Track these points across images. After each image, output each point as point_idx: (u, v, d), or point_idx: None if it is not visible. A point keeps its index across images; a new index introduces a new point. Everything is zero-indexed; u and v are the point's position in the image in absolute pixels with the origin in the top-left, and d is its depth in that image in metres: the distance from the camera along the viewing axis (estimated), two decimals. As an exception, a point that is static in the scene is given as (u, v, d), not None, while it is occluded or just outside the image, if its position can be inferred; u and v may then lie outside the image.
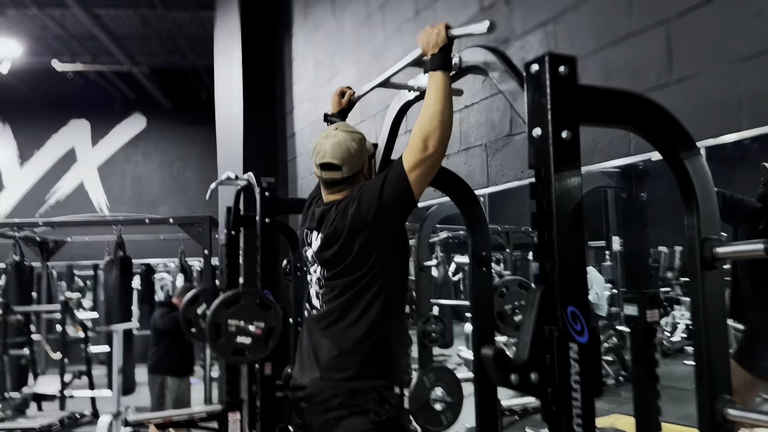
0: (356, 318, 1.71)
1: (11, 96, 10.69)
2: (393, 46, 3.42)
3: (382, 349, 1.71)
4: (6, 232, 7.57)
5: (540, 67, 1.31)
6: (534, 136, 1.33)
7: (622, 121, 1.42)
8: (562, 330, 1.26)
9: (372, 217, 1.69)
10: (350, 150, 1.81)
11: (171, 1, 7.69)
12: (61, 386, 6.10)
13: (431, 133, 1.61)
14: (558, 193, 1.28)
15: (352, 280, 1.72)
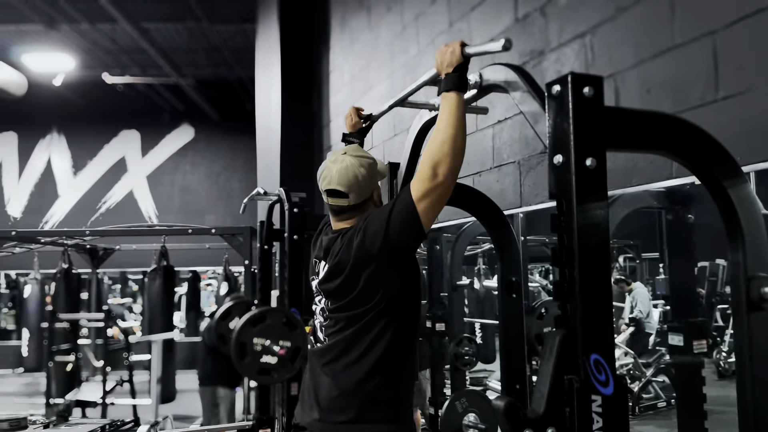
0: (359, 356, 1.61)
1: (66, 108, 11.07)
2: (426, 59, 3.32)
3: (386, 391, 1.61)
4: (56, 240, 7.81)
5: (562, 88, 1.19)
6: (555, 164, 1.21)
7: (655, 145, 1.29)
8: (583, 380, 1.13)
9: (378, 249, 1.59)
10: (357, 176, 1.70)
11: (216, 14, 7.79)
12: (103, 393, 6.20)
13: (441, 160, 1.50)
14: (581, 226, 1.16)
15: (356, 315, 1.62)
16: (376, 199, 1.78)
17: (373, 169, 1.75)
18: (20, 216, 11.49)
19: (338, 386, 1.61)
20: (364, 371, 1.60)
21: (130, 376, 6.55)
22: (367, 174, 1.73)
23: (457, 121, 1.50)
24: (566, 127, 1.18)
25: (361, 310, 1.61)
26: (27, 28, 8.12)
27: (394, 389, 1.62)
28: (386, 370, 1.61)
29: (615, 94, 2.03)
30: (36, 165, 11.65)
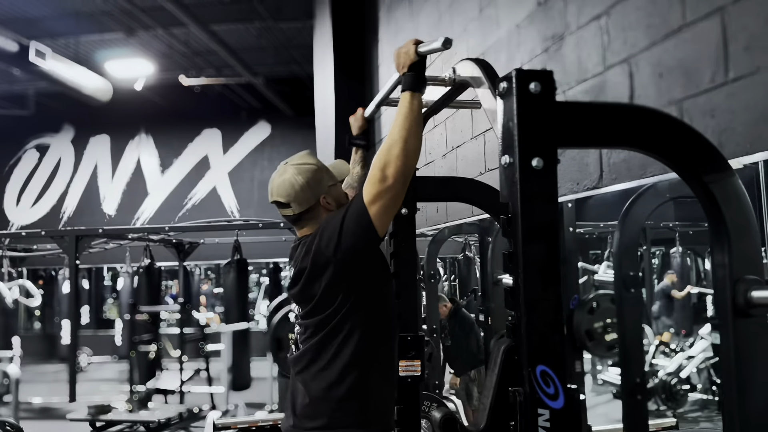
0: (327, 361, 1.60)
1: (151, 110, 11.71)
2: (460, 47, 3.24)
3: (358, 395, 1.59)
4: (143, 236, 8.31)
5: (508, 84, 1.13)
6: (503, 164, 1.15)
7: (620, 141, 1.19)
8: (528, 393, 1.08)
9: (332, 254, 1.57)
10: (294, 186, 1.70)
11: (281, 13, 7.97)
12: (180, 382, 6.56)
13: (390, 162, 1.46)
14: (526, 232, 1.10)
15: (321, 320, 1.62)
16: (330, 202, 1.75)
17: (315, 175, 1.73)
18: (114, 213, 12.30)
19: (309, 393, 1.62)
20: (333, 377, 1.59)
21: (207, 365, 6.89)
22: (306, 181, 1.71)
23: (410, 122, 1.46)
24: (511, 126, 1.12)
25: (324, 315, 1.61)
26: (108, 37, 8.65)
27: (365, 393, 1.61)
28: (356, 375, 1.60)
29: (629, 79, 1.89)
30: (127, 165, 12.42)
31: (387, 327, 1.68)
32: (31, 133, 12.56)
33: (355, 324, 1.60)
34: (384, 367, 1.68)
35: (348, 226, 1.56)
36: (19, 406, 6.07)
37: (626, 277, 2.16)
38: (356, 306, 1.60)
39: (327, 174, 1.78)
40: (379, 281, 1.67)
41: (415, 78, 1.48)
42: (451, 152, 3.35)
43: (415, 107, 1.48)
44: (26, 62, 7.06)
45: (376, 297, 1.65)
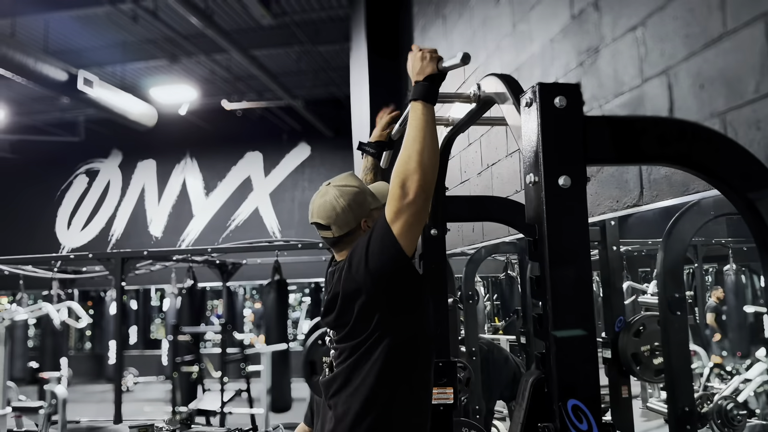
0: (356, 387, 1.54)
1: (196, 134, 11.99)
2: (493, 64, 3.19)
3: (387, 423, 1.52)
4: (187, 257, 8.45)
5: (531, 99, 1.08)
6: (528, 184, 1.09)
7: (654, 156, 1.12)
8: (559, 429, 1.00)
9: (362, 279, 1.52)
10: (336, 208, 1.66)
11: (318, 36, 8.07)
12: (221, 403, 6.58)
13: (408, 176, 1.41)
14: (554, 255, 1.03)
15: (354, 345, 1.56)
16: (372, 226, 1.70)
17: (357, 198, 1.69)
18: (161, 235, 12.58)
19: (337, 419, 1.57)
20: (360, 403, 1.53)
21: (248, 386, 6.90)
22: (347, 204, 1.67)
23: (425, 134, 1.41)
24: (535, 143, 1.06)
25: (358, 340, 1.56)
26: (153, 64, 8.91)
27: (395, 422, 1.54)
28: (385, 402, 1.53)
29: (668, 92, 1.81)
30: (173, 188, 12.72)
31: (420, 350, 1.61)
32: (82, 159, 13.02)
33: (387, 348, 1.54)
34: (417, 395, 1.59)
35: (374, 248, 1.51)
36: (66, 425, 6.18)
37: (671, 299, 2.05)
38: (389, 329, 1.54)
39: (370, 197, 1.73)
40: (413, 305, 1.60)
41: (430, 89, 1.43)
42: (486, 170, 3.28)
43: (429, 118, 1.43)
44: (75, 90, 7.33)
45: (409, 321, 1.58)
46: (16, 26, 7.15)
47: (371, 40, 5.33)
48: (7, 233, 12.78)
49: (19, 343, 9.32)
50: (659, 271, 2.13)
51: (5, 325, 6.42)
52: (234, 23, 7.80)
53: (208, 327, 7.63)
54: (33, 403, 6.51)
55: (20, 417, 6.63)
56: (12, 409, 6.40)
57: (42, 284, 8.60)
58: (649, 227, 4.41)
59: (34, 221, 12.96)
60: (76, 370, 10.25)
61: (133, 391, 10.44)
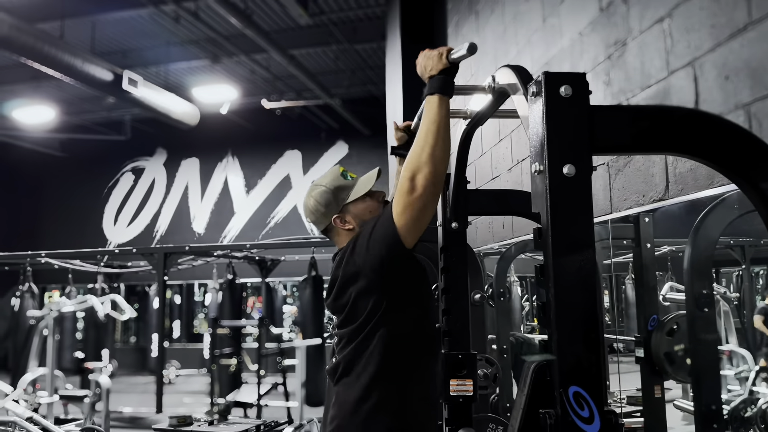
0: (358, 374, 1.57)
1: (237, 133, 12.23)
2: (524, 59, 3.17)
3: (388, 409, 1.54)
4: (228, 253, 8.63)
5: (536, 89, 1.08)
6: (533, 172, 1.10)
7: (660, 145, 1.11)
8: (560, 415, 1.01)
9: (361, 264, 1.56)
10: (309, 207, 1.78)
11: (355, 35, 8.13)
12: (258, 396, 6.70)
13: (418, 170, 1.42)
14: (557, 243, 1.04)
15: (353, 330, 1.60)
16: (349, 220, 1.74)
17: (324, 198, 1.75)
18: (203, 232, 12.87)
19: (339, 405, 1.60)
20: (362, 389, 1.56)
21: (284, 379, 7.02)
22: (315, 204, 1.76)
23: (438, 127, 1.42)
24: (540, 132, 1.07)
25: (355, 325, 1.59)
26: (195, 64, 9.13)
27: (396, 408, 1.56)
28: (385, 388, 1.56)
29: (694, 83, 1.77)
30: (215, 186, 13.00)
31: (421, 341, 1.63)
32: (128, 157, 13.42)
33: (385, 335, 1.57)
34: (418, 384, 1.62)
35: (375, 236, 1.54)
36: (109, 414, 6.41)
37: (698, 295, 2.01)
38: (386, 317, 1.57)
39: (339, 194, 1.76)
40: (411, 293, 1.63)
41: (443, 81, 1.44)
42: (516, 166, 3.27)
43: (444, 112, 1.44)
44: (120, 90, 7.57)
45: (407, 309, 1.61)
46: (64, 28, 7.43)
47: (405, 38, 5.35)
48: (57, 229, 13.29)
49: (67, 335, 9.69)
50: (686, 267, 2.09)
51: (53, 317, 6.68)
52: (273, 23, 7.93)
53: (246, 321, 7.77)
54: (79, 392, 6.76)
55: (67, 405, 6.91)
56: (59, 397, 6.66)
57: (89, 278, 8.92)
58: (688, 225, 4.31)
59: (82, 217, 13.43)
60: (120, 362, 10.55)
61: (174, 383, 10.71)
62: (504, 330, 4.15)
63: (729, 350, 4.17)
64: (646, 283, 3.13)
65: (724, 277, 6.54)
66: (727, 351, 4.12)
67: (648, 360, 2.99)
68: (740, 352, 4.62)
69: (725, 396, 4.03)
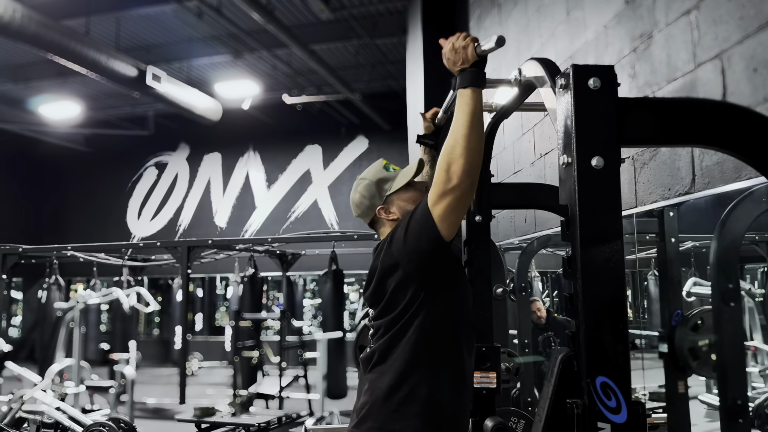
0: (391, 364, 1.59)
1: (258, 128, 12.31)
2: (548, 52, 3.16)
3: (419, 400, 1.55)
4: (249, 247, 8.71)
5: (565, 81, 1.09)
6: (561, 165, 1.11)
7: (692, 138, 1.11)
8: (587, 405, 1.02)
9: (399, 255, 1.59)
10: (355, 201, 1.83)
11: (376, 29, 8.13)
12: (280, 388, 6.78)
13: (453, 161, 1.44)
14: (585, 234, 1.05)
15: (389, 321, 1.62)
16: (393, 211, 1.77)
17: (367, 190, 1.80)
18: (225, 226, 12.99)
19: (372, 393, 1.62)
20: (394, 379, 1.58)
21: (305, 372, 7.08)
22: (361, 196, 1.80)
23: (471, 119, 1.43)
24: (569, 124, 1.08)
25: (392, 316, 1.61)
26: (217, 59, 9.20)
27: (428, 399, 1.57)
28: (419, 378, 1.57)
29: (722, 76, 1.76)
30: (237, 180, 13.10)
31: (456, 334, 1.64)
32: (151, 152, 13.58)
33: (421, 325, 1.59)
34: (452, 378, 1.62)
35: (413, 228, 1.56)
36: (134, 405, 6.53)
37: (724, 289, 2.00)
38: (423, 307, 1.59)
39: (383, 185, 1.80)
40: (447, 286, 1.64)
41: (476, 74, 1.46)
42: (540, 160, 3.26)
43: (477, 104, 1.46)
44: (144, 86, 7.66)
45: (444, 301, 1.62)
46: (90, 25, 7.53)
47: (427, 32, 5.35)
48: (82, 223, 13.51)
49: (92, 327, 9.86)
50: (712, 261, 2.08)
51: (80, 309, 6.81)
52: (294, 18, 7.96)
53: (267, 314, 7.85)
54: (104, 383, 6.89)
55: (93, 395, 7.04)
56: (86, 387, 6.80)
57: (114, 271, 9.05)
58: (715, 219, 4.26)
59: (106, 211, 13.64)
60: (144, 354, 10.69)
61: (197, 375, 10.85)
62: (525, 324, 4.15)
63: (754, 347, 4.12)
64: (670, 277, 3.10)
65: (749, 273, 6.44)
66: (752, 347, 4.07)
67: (672, 355, 2.97)
68: (765, 349, 4.56)
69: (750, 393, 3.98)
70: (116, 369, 6.57)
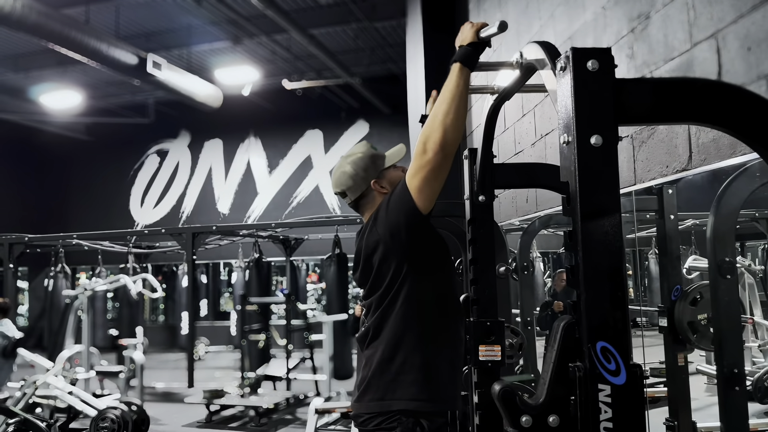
0: (384, 337, 1.67)
1: (259, 114, 12.32)
2: (547, 33, 3.20)
3: (414, 369, 1.63)
4: (253, 233, 8.79)
5: (564, 63, 1.15)
6: (562, 143, 1.17)
7: (686, 116, 1.17)
8: (588, 368, 1.09)
9: (382, 232, 1.66)
10: (344, 175, 1.84)
11: (375, 12, 8.13)
12: (287, 370, 6.89)
13: (430, 135, 1.50)
14: (585, 209, 1.11)
15: (378, 297, 1.69)
16: (385, 186, 1.83)
17: (362, 163, 1.83)
18: (228, 212, 13.07)
19: (369, 367, 1.69)
20: (389, 351, 1.66)
21: (311, 353, 7.19)
22: (354, 170, 1.83)
23: (454, 95, 1.49)
24: (568, 104, 1.13)
25: (380, 292, 1.68)
26: (217, 46, 9.20)
27: (422, 369, 1.64)
28: (411, 350, 1.65)
29: (717, 55, 1.81)
30: (238, 167, 13.15)
31: (445, 305, 1.72)
32: (152, 140, 13.62)
33: (409, 298, 1.66)
34: (443, 345, 1.71)
35: (392, 203, 1.63)
36: (143, 389, 6.64)
37: (721, 262, 2.06)
38: (409, 281, 1.66)
39: (376, 160, 1.86)
40: (431, 258, 1.71)
41: (467, 53, 1.51)
42: (540, 140, 3.31)
43: (462, 82, 1.51)
44: (144, 73, 7.69)
45: (429, 274, 1.70)
46: (89, 13, 7.54)
47: (426, 14, 5.37)
48: (85, 211, 13.58)
49: (99, 314, 9.97)
50: (709, 235, 2.14)
51: (87, 295, 6.90)
52: (293, 3, 7.96)
53: (274, 298, 7.94)
54: (114, 368, 7.00)
55: (103, 380, 7.16)
56: (96, 373, 6.91)
57: (118, 259, 9.14)
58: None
59: (109, 200, 13.71)
60: (151, 339, 10.83)
61: (204, 360, 10.99)
62: (527, 303, 4.23)
63: (752, 319, 4.20)
64: (670, 253, 3.17)
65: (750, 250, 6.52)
66: (750, 319, 4.15)
67: (671, 329, 3.04)
68: (765, 324, 4.64)
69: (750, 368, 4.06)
70: (125, 354, 6.68)
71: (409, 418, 1.60)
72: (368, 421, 1.65)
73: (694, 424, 2.91)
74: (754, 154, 1.68)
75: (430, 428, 1.61)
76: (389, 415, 1.62)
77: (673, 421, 2.80)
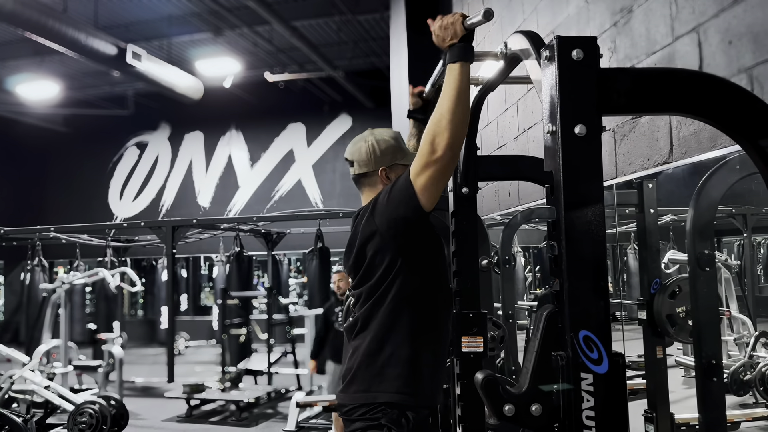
0: (372, 329, 1.66)
1: (240, 106, 12.22)
2: (531, 26, 3.20)
3: (398, 362, 1.63)
4: (234, 226, 8.73)
5: (549, 53, 1.14)
6: (546, 132, 1.17)
7: (668, 106, 1.17)
8: (571, 357, 1.09)
9: (379, 224, 1.65)
10: (361, 149, 1.83)
11: (358, 5, 8.09)
12: (268, 364, 6.86)
13: (438, 134, 1.49)
14: (569, 198, 1.11)
15: (369, 288, 1.68)
16: (391, 178, 1.81)
17: (383, 146, 1.82)
18: (209, 206, 12.96)
19: (356, 358, 1.69)
20: (376, 342, 1.65)
21: (293, 348, 7.17)
22: (372, 148, 1.82)
23: (458, 93, 1.48)
24: (553, 94, 1.13)
25: (371, 282, 1.67)
26: (198, 37, 9.11)
27: (408, 363, 1.64)
28: (399, 343, 1.64)
29: (698, 49, 1.82)
30: (219, 160, 13.04)
31: (435, 299, 1.71)
32: (132, 132, 13.45)
33: (400, 291, 1.65)
34: (431, 341, 1.70)
35: (394, 197, 1.62)
36: (123, 384, 6.57)
37: (700, 255, 2.09)
38: (401, 274, 1.65)
39: (397, 152, 1.85)
40: (426, 254, 1.71)
41: (464, 49, 1.50)
42: (523, 134, 3.32)
43: (464, 79, 1.50)
44: (124, 64, 7.58)
45: (422, 270, 1.69)
46: (67, 2, 7.40)
47: (410, 8, 5.36)
48: (63, 204, 13.38)
49: (77, 308, 9.84)
50: (689, 228, 2.16)
51: (65, 289, 6.80)
52: (275, -6, 7.91)
53: (255, 292, 7.89)
54: (92, 362, 6.91)
55: (81, 375, 7.07)
56: (74, 367, 6.82)
57: (96, 253, 9.02)
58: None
59: (87, 192, 13.51)
60: (130, 334, 10.73)
61: (184, 354, 10.90)
62: (509, 296, 4.25)
63: (728, 311, 4.26)
64: (649, 246, 3.19)
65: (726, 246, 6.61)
66: (727, 311, 4.21)
67: (650, 322, 3.08)
68: (741, 318, 4.71)
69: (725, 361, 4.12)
70: (104, 348, 6.60)
71: (393, 409, 1.60)
72: (353, 411, 1.65)
73: (672, 416, 2.94)
74: (734, 147, 1.69)
75: (415, 420, 1.61)
76: (374, 406, 1.61)
77: (651, 412, 2.83)
